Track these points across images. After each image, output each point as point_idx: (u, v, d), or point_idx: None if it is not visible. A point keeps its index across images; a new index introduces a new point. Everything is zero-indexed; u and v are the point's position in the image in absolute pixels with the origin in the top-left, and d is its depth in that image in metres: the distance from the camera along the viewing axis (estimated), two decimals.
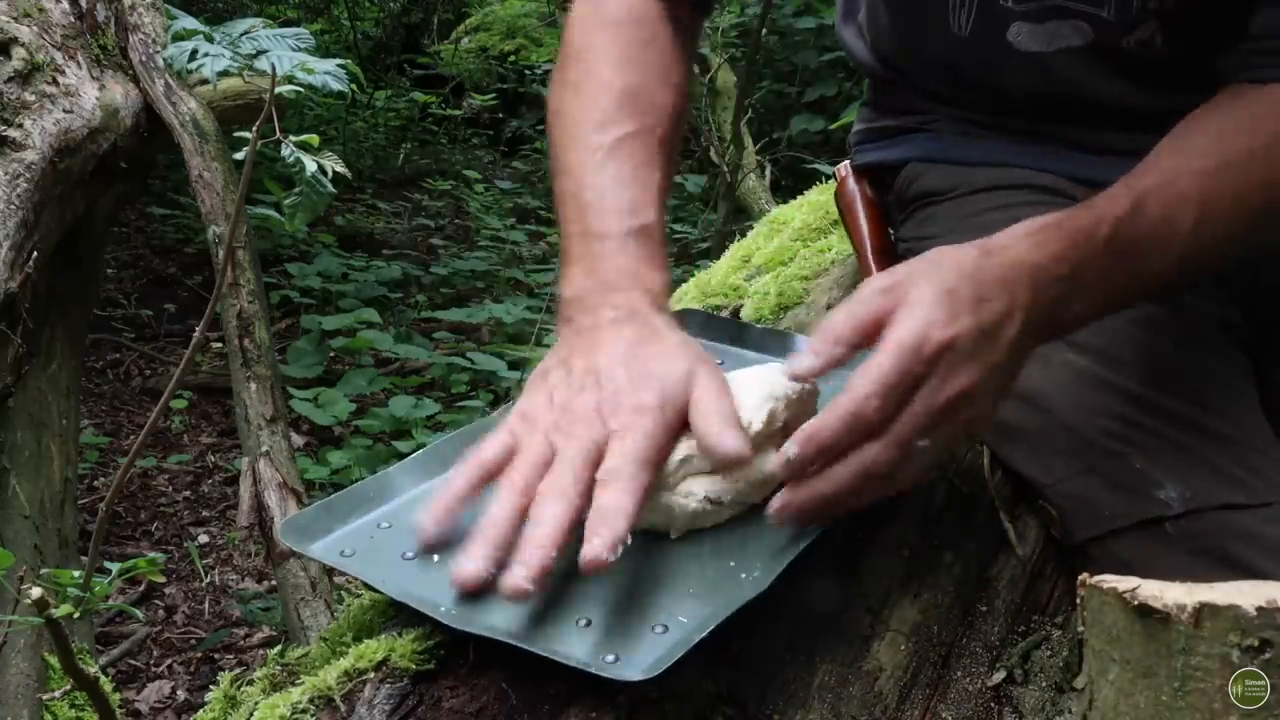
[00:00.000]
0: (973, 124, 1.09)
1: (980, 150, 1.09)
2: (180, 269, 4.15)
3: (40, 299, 2.02)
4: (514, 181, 5.78)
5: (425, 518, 0.73)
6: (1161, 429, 0.89)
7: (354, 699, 0.66)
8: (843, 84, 4.72)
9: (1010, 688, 0.77)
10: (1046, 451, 0.92)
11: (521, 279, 4.34)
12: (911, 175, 1.13)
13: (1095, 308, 0.82)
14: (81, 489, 2.58)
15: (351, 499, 0.78)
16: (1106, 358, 0.93)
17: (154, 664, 2.36)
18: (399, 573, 0.71)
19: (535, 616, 0.67)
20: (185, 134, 2.35)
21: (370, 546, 0.74)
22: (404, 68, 6.67)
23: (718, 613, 0.65)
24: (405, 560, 0.72)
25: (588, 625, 0.66)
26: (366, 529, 0.76)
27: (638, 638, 0.65)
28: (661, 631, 0.65)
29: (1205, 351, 0.95)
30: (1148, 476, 0.87)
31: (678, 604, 0.68)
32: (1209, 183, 0.84)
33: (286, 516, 1.93)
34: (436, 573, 0.71)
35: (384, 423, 3.11)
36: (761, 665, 0.70)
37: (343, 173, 1.05)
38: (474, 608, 0.67)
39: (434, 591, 0.68)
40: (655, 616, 0.67)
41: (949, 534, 0.88)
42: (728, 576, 0.71)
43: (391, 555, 0.73)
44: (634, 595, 0.69)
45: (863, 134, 1.20)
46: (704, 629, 0.63)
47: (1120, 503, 0.88)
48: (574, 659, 0.63)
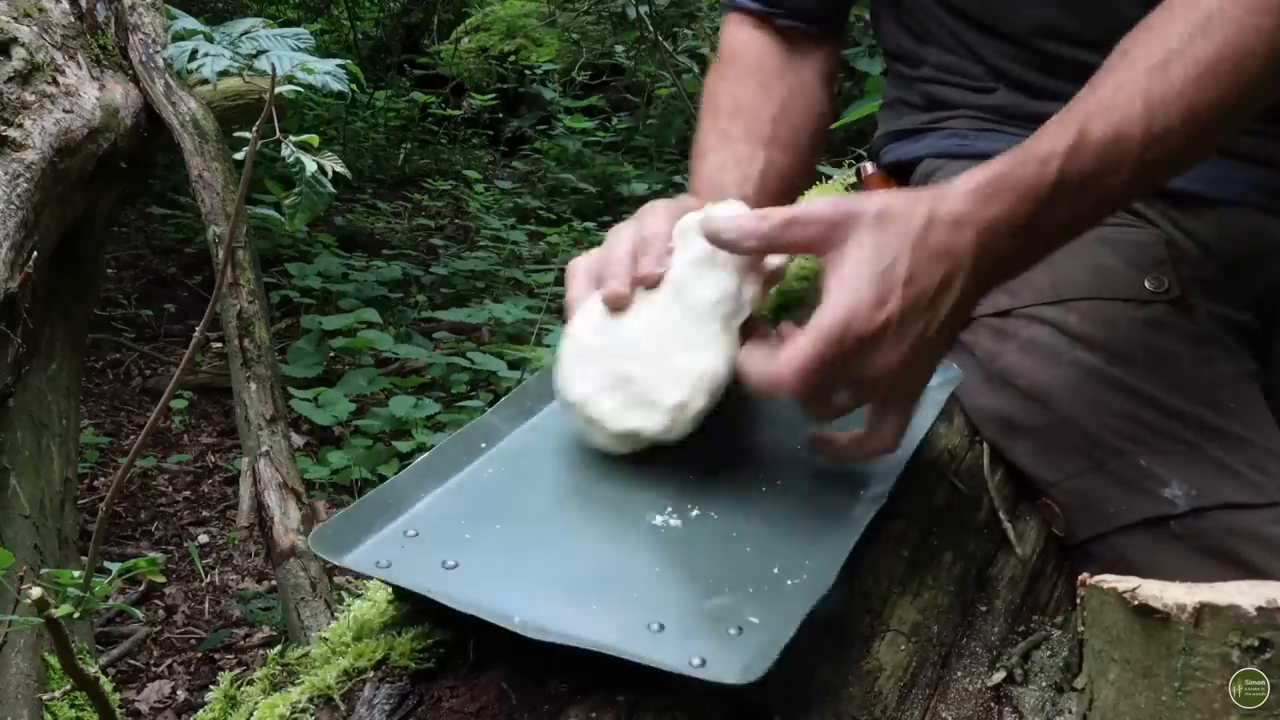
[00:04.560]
0: (989, 113, 1.09)
1: (997, 143, 1.09)
2: (180, 269, 4.15)
3: (40, 299, 2.02)
4: (514, 181, 5.78)
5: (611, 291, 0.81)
6: (1168, 427, 0.89)
7: (354, 699, 0.66)
8: (843, 84, 4.72)
9: (1010, 688, 0.77)
10: (1052, 449, 0.92)
11: (521, 279, 4.34)
12: (927, 170, 1.13)
13: (1052, 246, 0.81)
14: (81, 489, 2.58)
15: (371, 507, 0.76)
16: (1115, 356, 0.93)
17: (154, 664, 2.36)
18: (448, 583, 0.69)
19: (605, 624, 0.65)
20: (185, 134, 2.35)
21: (404, 556, 0.72)
22: (404, 68, 6.67)
23: (793, 612, 0.65)
24: (448, 570, 0.70)
25: (661, 630, 0.65)
26: (395, 538, 0.74)
27: (718, 640, 0.64)
28: (737, 633, 0.65)
29: (1214, 351, 0.95)
30: (1153, 475, 0.88)
31: (743, 605, 0.68)
32: (1155, 80, 0.80)
33: (286, 519, 1.93)
34: (483, 580, 0.69)
35: (384, 423, 3.10)
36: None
37: (343, 173, 1.05)
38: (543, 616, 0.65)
39: (491, 599, 0.67)
40: (726, 618, 0.66)
41: (949, 534, 0.88)
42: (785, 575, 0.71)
43: (432, 565, 0.71)
44: (695, 598, 0.69)
45: (886, 136, 1.22)
46: (783, 630, 0.63)
47: (1125, 500, 0.88)
48: (666, 664, 0.61)
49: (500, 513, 0.77)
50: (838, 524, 0.76)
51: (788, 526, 0.76)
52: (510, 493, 0.79)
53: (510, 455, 0.83)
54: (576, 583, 0.69)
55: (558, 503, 0.80)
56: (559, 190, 5.57)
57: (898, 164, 1.18)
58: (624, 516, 0.77)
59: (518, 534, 0.75)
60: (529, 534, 0.75)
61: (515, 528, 0.75)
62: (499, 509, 0.77)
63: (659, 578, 0.71)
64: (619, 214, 5.20)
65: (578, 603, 0.67)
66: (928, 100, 1.15)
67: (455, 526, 0.75)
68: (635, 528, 0.76)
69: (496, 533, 0.74)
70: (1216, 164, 1.00)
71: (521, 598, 0.67)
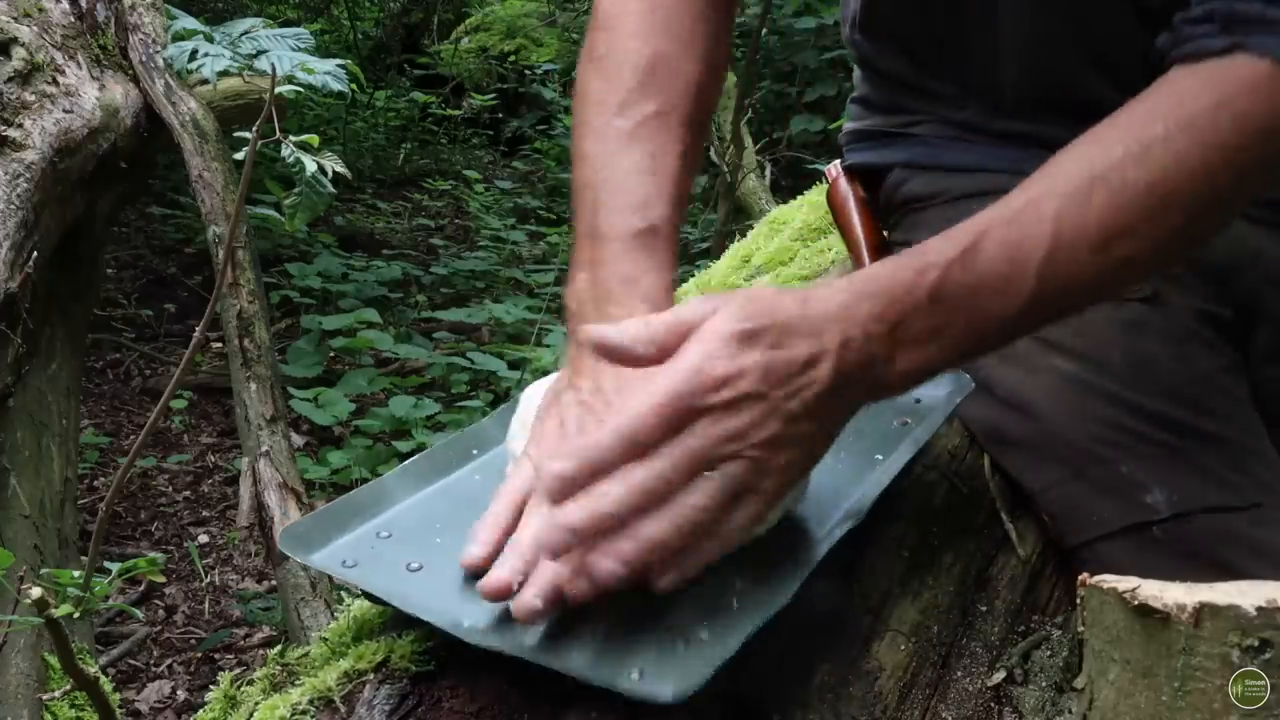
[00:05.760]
0: (958, 126, 1.08)
1: (964, 155, 1.08)
2: (180, 269, 4.15)
3: (40, 299, 2.02)
4: (514, 181, 5.78)
5: (473, 546, 0.70)
6: (1149, 432, 0.89)
7: (354, 699, 0.66)
8: (843, 84, 4.73)
9: (1010, 688, 0.77)
10: (1035, 458, 0.92)
11: (521, 279, 4.34)
12: (897, 181, 1.12)
13: (930, 360, 0.73)
14: (81, 489, 2.58)
15: (349, 507, 0.76)
16: (1092, 362, 0.92)
17: (154, 664, 2.36)
18: (406, 585, 0.69)
19: (554, 631, 0.65)
20: (185, 134, 2.35)
21: (371, 556, 0.72)
22: (404, 68, 6.67)
23: (741, 626, 0.64)
24: (411, 572, 0.70)
25: (605, 640, 0.64)
26: (366, 538, 0.74)
27: (663, 653, 0.63)
28: (684, 647, 0.64)
29: (1194, 349, 0.94)
30: (1135, 481, 0.87)
31: (697, 621, 0.66)
32: (1070, 204, 0.72)
33: (286, 519, 1.93)
34: (443, 584, 0.69)
35: (384, 423, 3.11)
36: (761, 665, 0.70)
37: (343, 173, 1.05)
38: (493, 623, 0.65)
39: (445, 603, 0.67)
40: (675, 631, 0.65)
41: (949, 534, 0.88)
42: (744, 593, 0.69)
43: (396, 566, 0.71)
44: (651, 610, 0.67)
45: (852, 135, 1.20)
46: (728, 645, 0.62)
47: (1107, 508, 0.88)
48: (600, 678, 0.61)
49: (475, 518, 0.74)
50: (806, 544, 0.74)
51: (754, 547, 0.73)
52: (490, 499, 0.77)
53: (500, 463, 0.82)
54: None
55: None
56: (559, 190, 5.57)
57: (864, 166, 1.16)
58: None
59: None
60: None
61: None
62: (475, 514, 0.74)
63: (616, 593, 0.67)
64: None
65: None
66: (895, 105, 1.13)
67: (429, 529, 0.75)
68: None
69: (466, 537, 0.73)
70: None
71: (476, 603, 0.66)
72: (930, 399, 0.92)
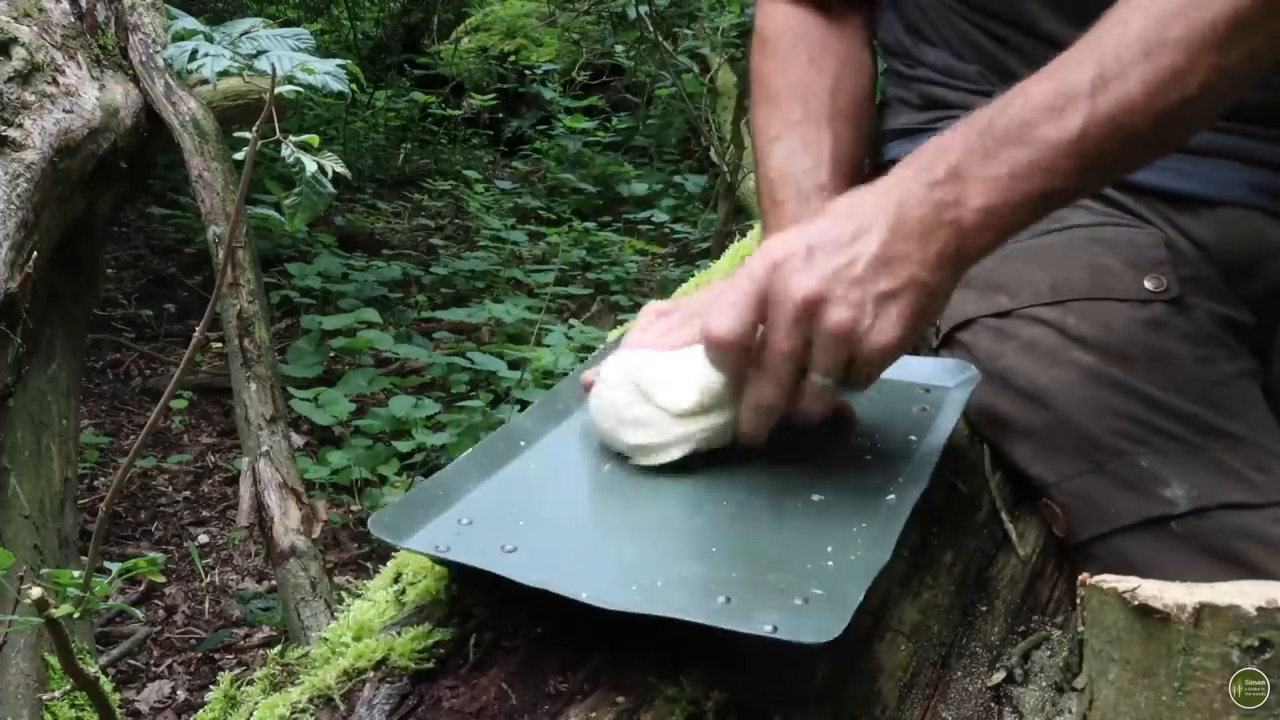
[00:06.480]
0: None
1: None
2: (180, 269, 4.15)
3: (40, 299, 2.02)
4: (514, 181, 5.78)
5: None
6: (1169, 428, 0.89)
7: (353, 699, 0.66)
8: None
9: (1010, 688, 0.77)
10: (1052, 450, 0.92)
11: (521, 279, 4.34)
12: None
13: (1008, 194, 0.77)
14: (81, 489, 2.58)
15: (423, 498, 0.78)
16: (1114, 356, 0.93)
17: (154, 664, 2.36)
18: (509, 563, 0.71)
19: (674, 599, 0.67)
20: (185, 134, 2.35)
21: (461, 541, 0.74)
22: (404, 68, 6.67)
23: (859, 579, 0.67)
24: (507, 553, 0.72)
25: (728, 603, 0.66)
26: (449, 525, 0.76)
27: (784, 611, 0.65)
28: (803, 604, 0.66)
29: (1214, 350, 0.95)
30: (1154, 475, 0.87)
31: (803, 580, 0.69)
32: (1106, 29, 0.77)
33: (286, 519, 1.93)
34: (545, 561, 0.71)
35: (384, 423, 3.10)
36: (761, 665, 0.70)
37: (343, 173, 1.05)
38: (608, 592, 0.66)
39: (554, 575, 0.68)
40: (789, 591, 0.67)
41: (949, 534, 0.88)
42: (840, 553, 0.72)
43: (491, 548, 0.72)
44: (754, 575, 0.70)
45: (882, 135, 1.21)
46: (852, 594, 0.65)
47: (1126, 501, 0.88)
48: (744, 630, 0.63)
49: (550, 503, 0.80)
50: (879, 508, 0.78)
51: (833, 512, 0.78)
52: (556, 485, 0.83)
53: (551, 452, 0.87)
54: (635, 564, 0.71)
55: (604, 494, 0.83)
56: (559, 190, 5.57)
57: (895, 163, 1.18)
58: (671, 506, 0.79)
59: (570, 521, 0.78)
60: (581, 521, 0.79)
61: (566, 516, 0.79)
62: (547, 500, 0.80)
63: (715, 557, 0.72)
64: (619, 214, 5.21)
65: (640, 581, 0.68)
66: (925, 100, 1.15)
67: (507, 515, 0.77)
68: (684, 516, 0.78)
69: (549, 520, 0.77)
70: (1216, 165, 1.00)
71: (584, 577, 0.68)
72: (938, 387, 0.96)
